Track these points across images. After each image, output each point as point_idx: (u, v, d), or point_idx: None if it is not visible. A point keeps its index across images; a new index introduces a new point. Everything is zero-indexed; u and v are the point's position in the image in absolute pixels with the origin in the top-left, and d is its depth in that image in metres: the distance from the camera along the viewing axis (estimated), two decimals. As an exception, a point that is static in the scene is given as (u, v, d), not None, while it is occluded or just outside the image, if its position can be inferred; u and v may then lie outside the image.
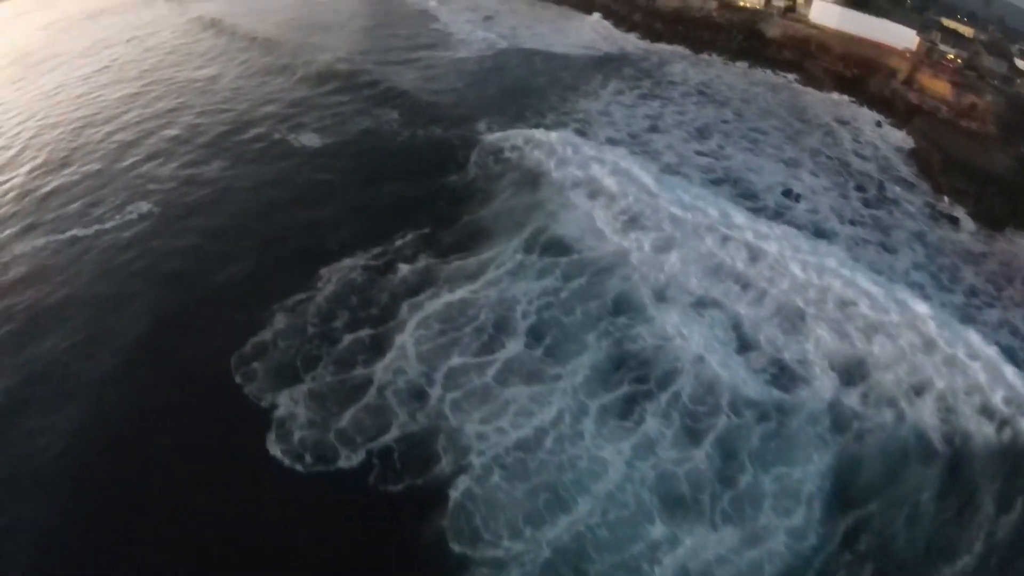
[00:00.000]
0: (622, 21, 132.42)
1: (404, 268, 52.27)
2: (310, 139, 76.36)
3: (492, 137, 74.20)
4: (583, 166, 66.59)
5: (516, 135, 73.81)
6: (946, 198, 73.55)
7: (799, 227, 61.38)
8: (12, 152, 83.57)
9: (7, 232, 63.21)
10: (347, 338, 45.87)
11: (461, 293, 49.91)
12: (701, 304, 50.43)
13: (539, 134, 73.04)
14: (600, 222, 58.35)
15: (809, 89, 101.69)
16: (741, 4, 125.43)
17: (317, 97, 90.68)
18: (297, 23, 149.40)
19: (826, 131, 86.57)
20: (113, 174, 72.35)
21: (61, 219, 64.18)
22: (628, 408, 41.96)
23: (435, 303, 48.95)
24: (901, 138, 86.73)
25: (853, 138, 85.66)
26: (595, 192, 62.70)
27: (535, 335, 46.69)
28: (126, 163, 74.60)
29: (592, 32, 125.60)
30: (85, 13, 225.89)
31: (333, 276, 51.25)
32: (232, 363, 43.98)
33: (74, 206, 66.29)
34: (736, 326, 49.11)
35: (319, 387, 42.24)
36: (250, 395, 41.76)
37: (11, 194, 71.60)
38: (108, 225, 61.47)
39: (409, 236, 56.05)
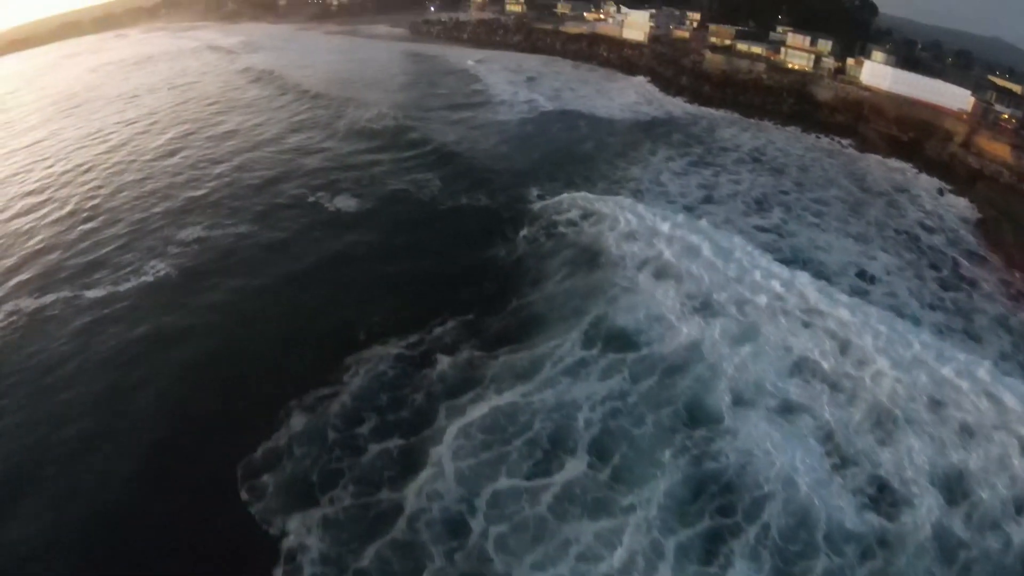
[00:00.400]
0: (668, 84, 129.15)
1: (444, 361, 44.72)
2: (346, 203, 71.85)
3: (542, 206, 68.46)
4: (646, 240, 60.15)
5: (569, 203, 68.10)
6: (1017, 273, 66.18)
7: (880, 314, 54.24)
8: (40, 197, 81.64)
9: (16, 282, 59.79)
10: (373, 448, 38.29)
11: (510, 396, 41.69)
12: (786, 409, 42.46)
13: (597, 204, 67.22)
14: (668, 308, 50.72)
15: (865, 154, 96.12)
16: (789, 66, 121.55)
17: (356, 155, 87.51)
18: (342, 78, 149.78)
19: (889, 201, 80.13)
20: (137, 228, 68.93)
21: (76, 275, 60.21)
22: (711, 548, 33.94)
23: (479, 408, 40.84)
24: (965, 206, 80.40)
25: (917, 208, 78.96)
26: (660, 271, 55.56)
27: (600, 452, 38.25)
28: (151, 217, 71.40)
29: (638, 95, 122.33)
30: (133, 59, 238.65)
31: (361, 368, 44.08)
32: (239, 472, 36.87)
33: (91, 260, 62.74)
34: (827, 437, 41.11)
35: (337, 513, 34.53)
36: (257, 516, 34.50)
37: (30, 241, 68.74)
38: (122, 288, 56.83)
39: (450, 323, 48.74)
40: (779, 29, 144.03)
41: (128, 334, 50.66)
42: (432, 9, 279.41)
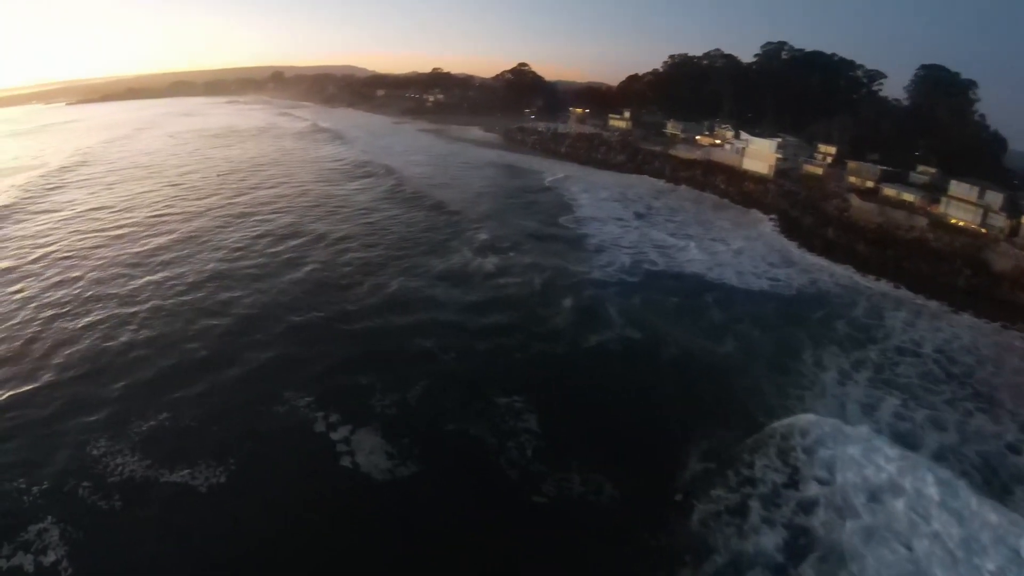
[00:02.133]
0: (811, 236, 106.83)
1: None
2: (369, 448, 45.33)
3: (707, 511, 41.18)
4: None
5: (753, 501, 42.06)
6: None
7: None
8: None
9: None
10: None
11: None
12: None
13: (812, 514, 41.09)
14: None
15: (1073, 356, 70.17)
16: (952, 221, 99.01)
17: (413, 313, 69.06)
18: (427, 185, 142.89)
19: None
20: (57, 425, 48.43)
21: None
22: None
23: None
24: None
25: None
26: None
27: None
28: (83, 409, 50.57)
29: (770, 249, 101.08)
30: (218, 130, 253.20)
31: None
32: None
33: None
34: None
35: None
36: None
37: None
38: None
39: None
40: (918, 168, 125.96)
41: None
42: (532, 117, 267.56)
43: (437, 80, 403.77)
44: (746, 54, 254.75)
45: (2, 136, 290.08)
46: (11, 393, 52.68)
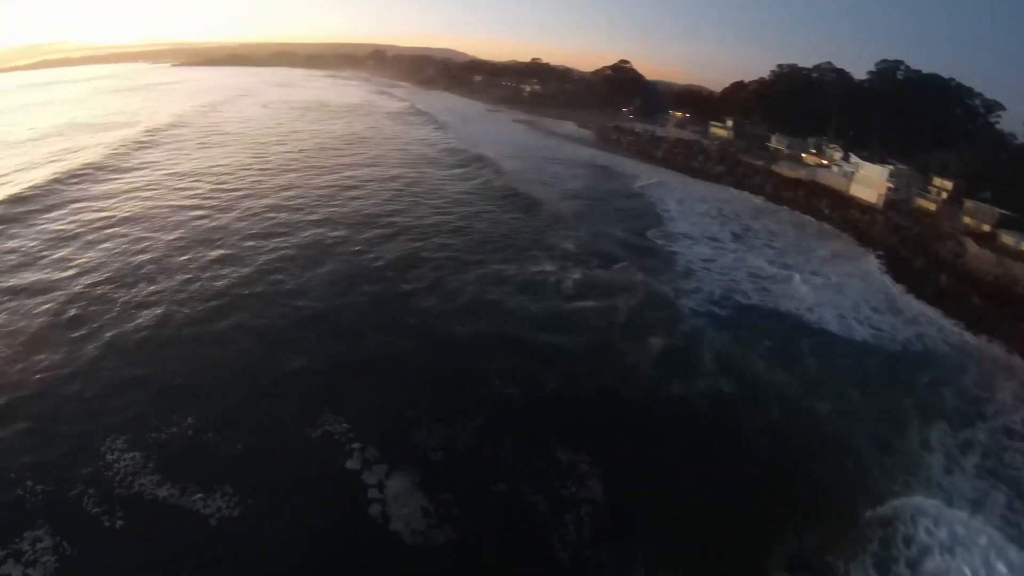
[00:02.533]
0: (921, 281, 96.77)
1: None
2: (404, 500, 39.41)
3: None
4: None
5: None
6: None
7: None
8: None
9: None
10: None
11: None
12: None
13: None
14: None
15: None
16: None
17: (454, 351, 60.32)
18: (517, 180, 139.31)
19: None
20: (77, 419, 44.93)
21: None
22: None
23: None
24: None
25: None
26: None
27: None
28: (109, 403, 46.82)
29: (878, 294, 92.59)
30: (309, 104, 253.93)
31: None
32: None
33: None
34: None
35: None
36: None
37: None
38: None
39: None
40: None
41: None
42: (631, 117, 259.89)
43: (535, 70, 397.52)
44: (856, 69, 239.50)
45: (105, 92, 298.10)
46: (41, 376, 49.67)
